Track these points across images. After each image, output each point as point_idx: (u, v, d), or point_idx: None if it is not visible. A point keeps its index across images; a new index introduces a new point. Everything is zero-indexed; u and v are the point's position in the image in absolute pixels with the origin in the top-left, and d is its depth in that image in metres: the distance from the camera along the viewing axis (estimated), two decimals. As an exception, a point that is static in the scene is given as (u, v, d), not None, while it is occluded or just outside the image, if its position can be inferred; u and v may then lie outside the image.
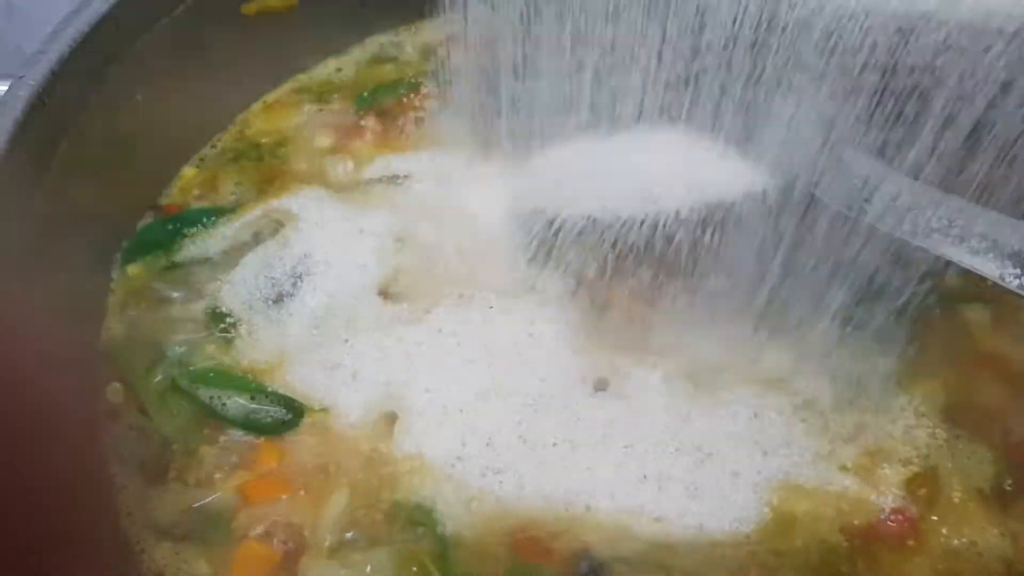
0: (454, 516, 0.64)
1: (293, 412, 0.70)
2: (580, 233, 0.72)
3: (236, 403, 0.70)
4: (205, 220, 0.81)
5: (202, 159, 0.87)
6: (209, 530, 0.64)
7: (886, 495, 0.65)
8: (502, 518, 0.64)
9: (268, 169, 0.86)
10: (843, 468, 0.67)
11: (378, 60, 0.96)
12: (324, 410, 0.70)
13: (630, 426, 0.68)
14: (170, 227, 0.81)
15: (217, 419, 0.69)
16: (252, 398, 0.70)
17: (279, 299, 0.76)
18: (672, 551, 0.63)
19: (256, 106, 0.91)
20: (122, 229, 0.80)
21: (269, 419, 0.69)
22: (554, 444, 0.68)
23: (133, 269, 0.78)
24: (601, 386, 0.71)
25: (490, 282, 0.77)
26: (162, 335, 0.74)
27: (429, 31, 0.97)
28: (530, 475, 0.66)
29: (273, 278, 0.77)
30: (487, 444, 0.67)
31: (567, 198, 0.73)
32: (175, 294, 0.77)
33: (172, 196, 0.84)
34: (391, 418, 0.69)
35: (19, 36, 0.83)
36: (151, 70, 0.78)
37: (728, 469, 0.66)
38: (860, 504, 0.65)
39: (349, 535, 0.64)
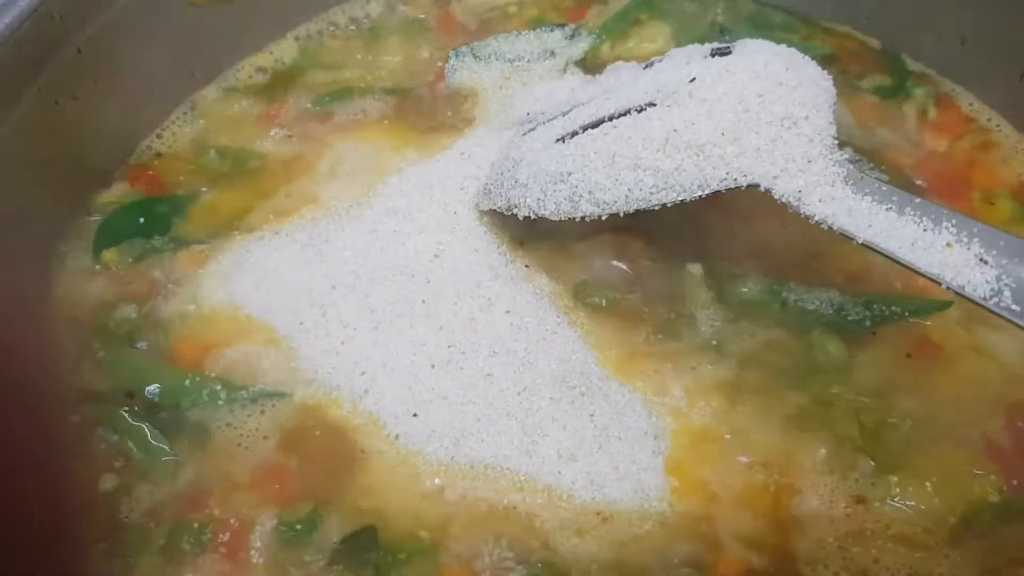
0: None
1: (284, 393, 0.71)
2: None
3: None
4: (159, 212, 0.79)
5: (156, 142, 0.84)
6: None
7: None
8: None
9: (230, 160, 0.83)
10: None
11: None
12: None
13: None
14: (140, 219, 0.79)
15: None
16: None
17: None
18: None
19: (210, 92, 0.87)
20: (59, 230, 0.77)
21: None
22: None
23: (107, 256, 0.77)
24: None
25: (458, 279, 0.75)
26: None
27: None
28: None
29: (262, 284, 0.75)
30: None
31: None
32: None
33: (113, 192, 0.80)
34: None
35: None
36: (91, 66, 0.74)
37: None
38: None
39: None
